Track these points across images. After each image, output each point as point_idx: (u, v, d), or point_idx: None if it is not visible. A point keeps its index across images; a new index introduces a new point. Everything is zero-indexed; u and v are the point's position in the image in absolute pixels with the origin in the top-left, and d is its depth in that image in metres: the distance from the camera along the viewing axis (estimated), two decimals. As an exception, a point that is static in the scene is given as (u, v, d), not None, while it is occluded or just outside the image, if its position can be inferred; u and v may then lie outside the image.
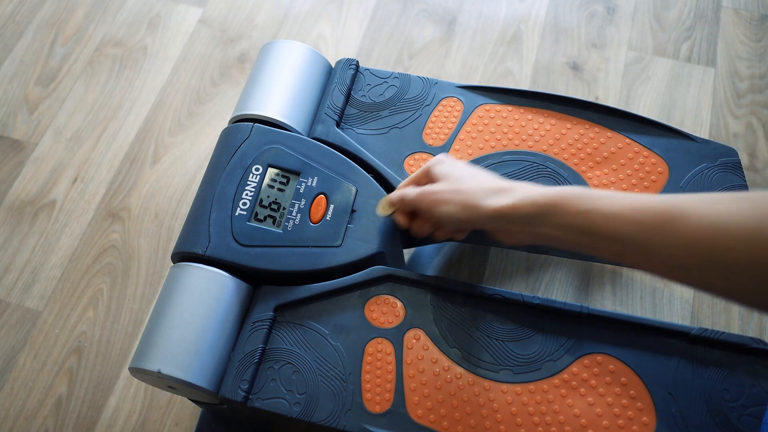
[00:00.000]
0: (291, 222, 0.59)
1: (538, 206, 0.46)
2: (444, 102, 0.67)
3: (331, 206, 0.59)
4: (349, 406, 0.53)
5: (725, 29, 0.97)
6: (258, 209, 0.60)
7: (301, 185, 0.60)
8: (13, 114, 0.94)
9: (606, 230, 0.43)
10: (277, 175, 0.61)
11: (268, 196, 0.60)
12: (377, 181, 0.62)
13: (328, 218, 0.59)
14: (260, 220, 0.59)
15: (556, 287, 0.79)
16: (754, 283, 0.37)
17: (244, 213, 0.59)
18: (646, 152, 0.63)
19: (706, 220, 0.38)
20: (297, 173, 0.61)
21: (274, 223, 0.59)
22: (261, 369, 0.55)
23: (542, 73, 0.94)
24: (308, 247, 0.58)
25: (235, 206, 0.60)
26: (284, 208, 0.60)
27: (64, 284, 0.82)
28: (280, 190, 0.60)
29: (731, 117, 0.90)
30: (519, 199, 0.48)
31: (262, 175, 0.61)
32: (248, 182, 0.61)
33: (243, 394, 0.54)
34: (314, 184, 0.60)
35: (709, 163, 0.63)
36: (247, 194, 0.60)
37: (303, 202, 0.59)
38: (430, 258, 0.79)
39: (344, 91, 0.68)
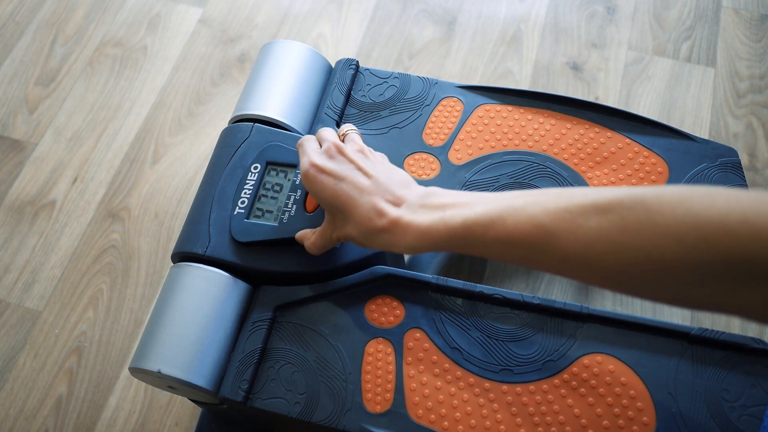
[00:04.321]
0: (287, 214, 0.58)
1: (421, 249, 0.47)
2: (444, 102, 0.67)
3: None
4: (349, 406, 0.53)
5: (725, 29, 0.97)
6: (256, 205, 0.60)
7: (297, 177, 0.60)
8: (13, 114, 0.95)
9: (490, 256, 0.44)
10: (275, 170, 0.61)
11: (266, 193, 0.60)
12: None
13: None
14: (258, 216, 0.59)
15: (556, 287, 0.79)
16: (630, 284, 0.39)
17: (242, 211, 0.59)
18: (646, 152, 0.63)
19: (577, 241, 0.39)
20: (293, 166, 0.61)
21: (270, 217, 0.59)
22: (261, 369, 0.55)
23: (542, 73, 0.94)
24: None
25: (234, 205, 0.60)
26: (281, 202, 0.59)
27: (64, 284, 0.82)
28: (277, 184, 0.60)
29: (731, 117, 0.90)
30: (394, 247, 0.47)
31: (261, 173, 0.61)
32: (247, 181, 0.61)
33: (243, 394, 0.54)
34: None
35: (709, 163, 0.63)
36: (245, 192, 0.60)
37: (298, 193, 0.59)
38: (430, 258, 0.79)
39: (344, 91, 0.68)
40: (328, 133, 0.55)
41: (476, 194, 0.46)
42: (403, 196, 0.48)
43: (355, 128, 0.57)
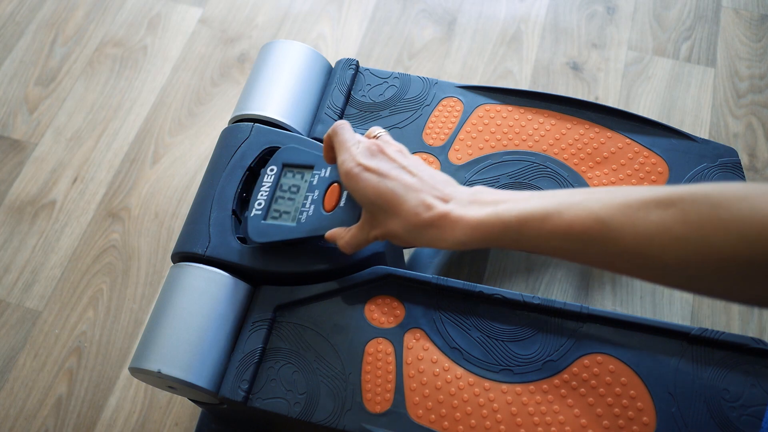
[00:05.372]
0: (305, 214, 0.57)
1: (471, 242, 0.46)
2: (444, 102, 0.67)
3: (345, 193, 0.57)
4: (349, 406, 0.53)
5: (725, 29, 0.97)
6: (273, 207, 0.59)
7: (314, 178, 0.59)
8: (13, 114, 0.95)
9: (539, 249, 0.44)
10: (291, 172, 0.60)
11: (282, 194, 0.59)
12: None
13: (341, 205, 0.57)
14: (275, 218, 0.58)
15: (556, 287, 0.79)
16: (686, 278, 0.39)
17: (259, 212, 0.58)
18: (646, 152, 0.63)
19: (637, 235, 0.39)
20: (310, 167, 0.60)
21: (288, 218, 0.58)
22: (261, 369, 0.55)
23: (542, 73, 0.94)
24: (316, 243, 0.58)
25: (251, 207, 0.59)
26: (298, 203, 0.58)
27: (64, 284, 0.82)
28: (294, 186, 0.59)
29: (731, 117, 0.90)
30: (446, 242, 0.47)
31: (277, 175, 0.60)
32: (263, 183, 0.60)
33: (243, 394, 0.54)
34: (327, 175, 0.59)
35: (709, 163, 0.63)
36: (262, 194, 0.59)
37: (316, 193, 0.58)
38: (430, 258, 0.79)
39: (344, 91, 0.68)
40: (359, 136, 0.54)
41: (528, 192, 0.46)
42: (450, 193, 0.48)
43: (385, 131, 0.56)
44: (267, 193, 0.59)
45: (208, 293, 0.57)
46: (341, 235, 0.53)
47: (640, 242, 0.39)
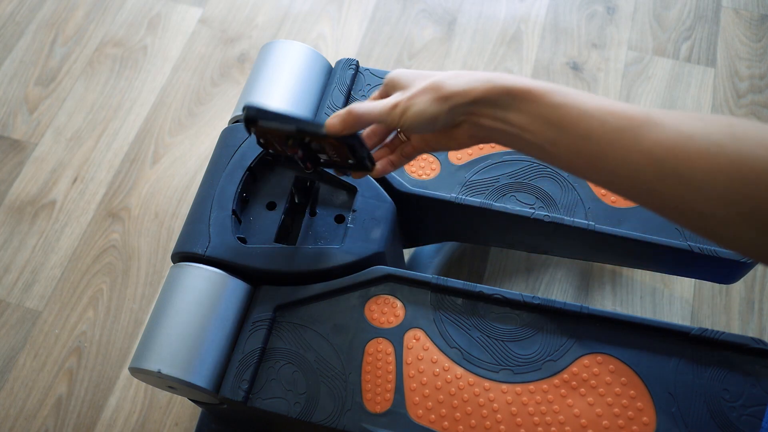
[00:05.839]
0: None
1: (511, 92, 0.44)
2: (444, 102, 0.67)
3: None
4: (349, 406, 0.53)
5: (725, 29, 0.97)
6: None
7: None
8: (13, 114, 0.95)
9: (575, 126, 0.42)
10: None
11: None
12: (377, 182, 0.62)
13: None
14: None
15: (556, 287, 0.79)
16: (703, 198, 0.37)
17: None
18: (646, 152, 0.63)
19: (679, 131, 0.38)
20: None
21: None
22: (261, 369, 0.55)
23: (542, 73, 0.94)
24: (309, 246, 0.58)
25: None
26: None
27: (64, 284, 0.82)
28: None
29: (731, 117, 0.90)
30: (491, 82, 0.45)
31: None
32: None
33: (243, 393, 0.54)
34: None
35: (709, 163, 0.63)
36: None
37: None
38: (430, 258, 0.79)
39: (344, 91, 0.68)
40: None
41: None
42: None
43: None
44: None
45: (208, 293, 0.57)
46: (355, 104, 0.48)
47: (678, 138, 0.38)
